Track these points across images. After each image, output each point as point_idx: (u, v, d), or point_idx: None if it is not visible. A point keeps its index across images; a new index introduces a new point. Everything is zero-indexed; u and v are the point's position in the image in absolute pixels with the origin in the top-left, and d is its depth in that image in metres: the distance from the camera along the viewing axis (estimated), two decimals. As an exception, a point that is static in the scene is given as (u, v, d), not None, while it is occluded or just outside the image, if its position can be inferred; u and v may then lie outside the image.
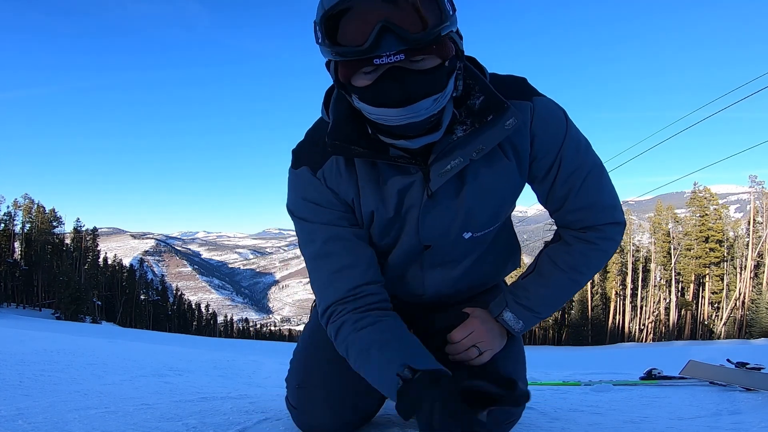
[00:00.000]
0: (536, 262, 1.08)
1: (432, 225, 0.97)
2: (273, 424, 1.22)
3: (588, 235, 1.01)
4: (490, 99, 0.87)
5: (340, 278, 0.95)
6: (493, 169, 0.93)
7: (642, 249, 41.36)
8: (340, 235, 0.96)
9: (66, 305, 37.77)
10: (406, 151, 0.88)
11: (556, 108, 0.96)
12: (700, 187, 38.01)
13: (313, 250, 0.97)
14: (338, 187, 0.95)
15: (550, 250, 1.06)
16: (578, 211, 1.00)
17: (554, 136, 0.94)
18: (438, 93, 0.78)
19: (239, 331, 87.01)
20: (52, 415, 1.24)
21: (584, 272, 1.03)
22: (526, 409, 1.49)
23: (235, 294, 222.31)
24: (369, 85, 0.77)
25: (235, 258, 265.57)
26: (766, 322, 30.70)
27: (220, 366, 3.05)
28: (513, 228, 1.19)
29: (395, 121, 0.80)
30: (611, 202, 1.00)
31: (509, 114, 0.87)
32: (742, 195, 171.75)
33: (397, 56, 0.73)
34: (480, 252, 1.08)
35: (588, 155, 0.98)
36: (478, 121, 0.87)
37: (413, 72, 0.75)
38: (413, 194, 0.94)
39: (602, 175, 0.99)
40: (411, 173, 0.92)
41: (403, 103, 0.77)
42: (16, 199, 42.55)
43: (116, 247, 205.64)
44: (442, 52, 0.76)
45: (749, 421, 1.40)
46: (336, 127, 0.89)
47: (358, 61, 0.75)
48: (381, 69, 0.75)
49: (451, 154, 0.88)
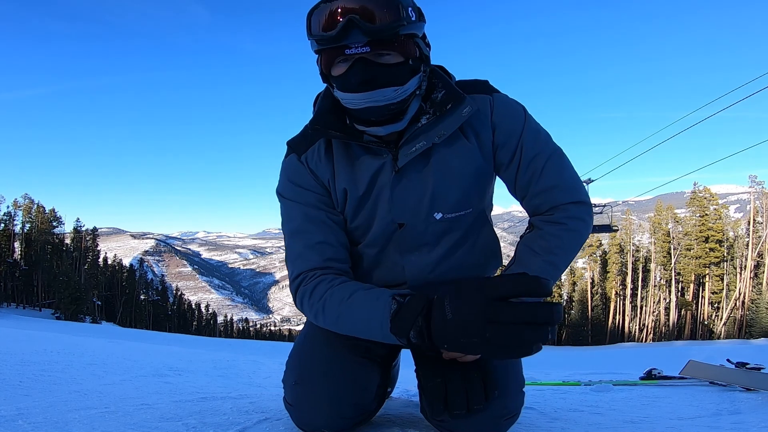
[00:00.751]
0: (515, 253, 1.12)
1: (401, 200, 1.06)
2: (273, 424, 1.22)
3: (555, 216, 1.08)
4: (450, 92, 1.03)
5: (315, 250, 1.07)
6: (454, 148, 1.06)
7: (642, 249, 41.36)
8: (318, 217, 1.09)
9: (66, 305, 37.78)
10: (378, 138, 1.03)
11: (514, 102, 1.10)
12: (700, 187, 38.03)
13: (292, 226, 1.10)
14: (317, 169, 1.09)
15: (525, 239, 1.11)
16: (542, 194, 1.08)
17: (514, 125, 1.07)
18: (398, 85, 0.94)
19: (239, 331, 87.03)
20: (52, 415, 1.23)
21: (558, 254, 1.06)
22: (525, 409, 1.49)
23: (235, 294, 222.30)
24: (342, 73, 0.94)
25: (235, 258, 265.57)
26: (766, 322, 30.71)
27: (220, 366, 3.05)
28: (493, 230, 1.23)
29: (357, 104, 0.95)
30: (572, 183, 1.09)
31: (465, 103, 1.01)
32: (742, 195, 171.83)
33: (363, 48, 0.90)
34: (455, 238, 1.12)
35: (548, 143, 1.09)
36: (439, 110, 1.02)
37: (377, 64, 0.92)
38: (384, 174, 1.06)
39: (562, 160, 1.09)
40: (382, 156, 1.05)
41: (364, 88, 0.93)
42: (16, 199, 42.60)
43: (116, 247, 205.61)
44: (405, 51, 0.94)
45: (749, 421, 1.40)
46: (318, 114, 1.06)
47: (334, 51, 0.93)
48: (351, 59, 0.92)
49: (416, 138, 1.02)
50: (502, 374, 1.01)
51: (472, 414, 0.94)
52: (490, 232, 1.20)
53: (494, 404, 0.97)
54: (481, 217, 1.16)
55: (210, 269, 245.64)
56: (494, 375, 0.97)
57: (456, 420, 0.99)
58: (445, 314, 0.80)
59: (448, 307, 0.80)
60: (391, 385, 1.51)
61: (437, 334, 0.81)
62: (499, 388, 0.97)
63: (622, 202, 17.69)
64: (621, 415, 1.49)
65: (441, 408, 0.94)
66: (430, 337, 0.83)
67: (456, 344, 0.79)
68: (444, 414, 0.96)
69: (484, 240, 1.18)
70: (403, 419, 1.29)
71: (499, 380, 0.99)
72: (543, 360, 6.97)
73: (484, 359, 0.99)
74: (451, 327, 0.78)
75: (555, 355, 9.94)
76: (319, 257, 1.06)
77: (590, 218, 1.10)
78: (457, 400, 0.93)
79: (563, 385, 2.28)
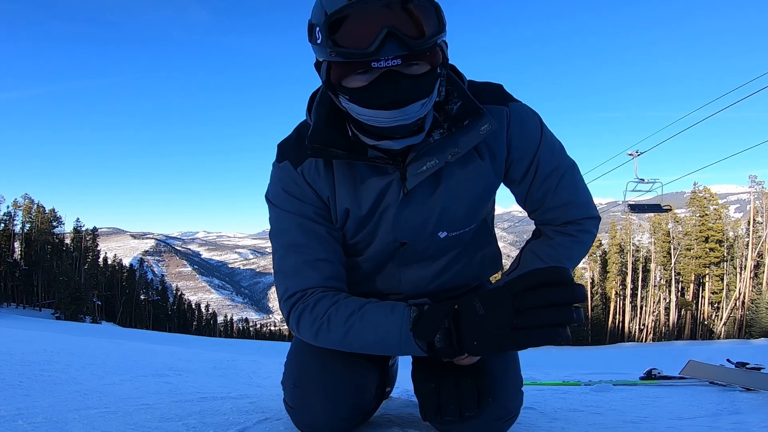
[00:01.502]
0: (519, 257, 1.12)
1: (407, 222, 1.01)
2: (273, 424, 1.22)
3: (568, 229, 1.08)
4: (467, 105, 0.92)
5: (313, 268, 0.99)
6: (467, 169, 0.99)
7: (642, 249, 41.34)
8: (316, 231, 1.01)
9: (66, 305, 37.76)
10: (384, 153, 0.94)
11: (531, 113, 1.02)
12: (700, 187, 38.01)
13: (287, 239, 1.01)
14: (315, 183, 1.00)
15: (532, 246, 1.11)
16: (556, 210, 1.06)
17: (530, 140, 1.01)
18: (426, 97, 0.84)
19: (239, 331, 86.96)
20: (52, 415, 1.23)
21: (566, 264, 1.07)
22: (525, 409, 1.49)
23: (235, 294, 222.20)
24: (363, 86, 0.82)
25: (235, 258, 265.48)
26: (766, 322, 30.69)
27: (220, 366, 3.05)
28: (494, 232, 1.22)
29: (386, 122, 0.84)
30: (586, 198, 1.08)
31: (485, 120, 0.92)
32: (742, 195, 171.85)
33: (395, 61, 0.78)
34: (456, 252, 1.10)
35: (563, 157, 1.05)
36: (454, 126, 0.92)
37: (407, 76, 0.80)
38: (391, 193, 0.98)
39: (575, 175, 1.07)
40: (389, 173, 0.96)
41: (395, 105, 0.81)
42: (16, 199, 42.57)
43: (116, 247, 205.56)
44: (433, 59, 0.82)
45: (749, 421, 1.40)
46: (316, 130, 0.93)
47: (356, 63, 0.80)
48: (377, 72, 0.80)
49: (427, 155, 0.93)
50: (500, 376, 1.01)
51: (465, 420, 0.94)
52: (491, 242, 1.18)
53: (491, 407, 0.98)
54: (484, 228, 1.14)
55: (210, 269, 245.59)
56: (488, 382, 0.97)
57: (453, 424, 0.99)
58: (477, 311, 0.81)
59: (478, 305, 0.81)
60: (390, 384, 1.51)
61: (469, 330, 0.82)
62: (495, 391, 0.97)
63: (622, 202, 17.69)
64: (621, 415, 1.49)
65: (433, 414, 0.96)
66: (458, 339, 0.83)
67: (487, 339, 0.80)
68: (436, 419, 0.97)
69: (485, 251, 1.17)
70: (403, 419, 1.29)
71: (497, 382, 0.99)
72: (543, 360, 6.97)
73: (480, 364, 0.99)
74: (484, 321, 0.80)
75: (555, 355, 9.94)
76: (320, 275, 0.99)
77: (597, 230, 1.11)
78: (449, 407, 0.93)
79: (563, 385, 2.28)
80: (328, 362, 1.04)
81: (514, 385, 1.06)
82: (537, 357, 8.20)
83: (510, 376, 1.06)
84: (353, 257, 1.09)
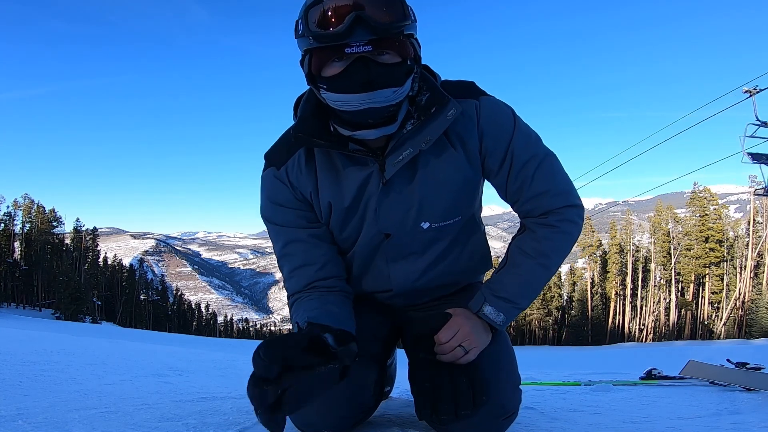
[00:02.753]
0: (507, 254, 1.11)
1: (389, 211, 1.04)
2: (273, 424, 1.22)
3: (548, 219, 1.06)
4: (434, 95, 0.98)
5: (298, 274, 1.09)
6: (441, 158, 1.02)
7: (642, 249, 41.37)
8: (298, 238, 1.08)
9: (66, 305, 37.79)
10: (363, 146, 0.99)
11: (502, 105, 1.06)
12: (700, 187, 38.06)
13: (278, 249, 1.12)
14: (298, 181, 1.06)
15: (518, 241, 1.10)
16: (535, 199, 1.06)
17: (502, 131, 1.03)
18: (397, 86, 0.90)
19: (239, 331, 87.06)
20: (52, 415, 1.24)
21: (551, 256, 1.06)
22: (525, 409, 1.49)
23: (235, 294, 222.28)
24: (338, 73, 0.89)
25: (235, 258, 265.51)
26: (766, 322, 30.71)
27: (220, 366, 3.06)
28: (483, 229, 1.22)
29: (357, 105, 0.90)
30: (565, 187, 1.07)
31: (450, 106, 0.97)
32: (742, 195, 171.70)
33: (366, 47, 0.85)
34: (443, 247, 1.11)
35: (539, 146, 1.06)
36: (423, 115, 0.97)
37: (378, 63, 0.88)
38: (371, 185, 1.02)
39: (554, 163, 1.06)
40: (368, 165, 1.01)
41: (366, 88, 0.87)
42: (16, 199, 42.65)
43: (116, 247, 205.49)
44: (403, 51, 0.90)
45: (749, 421, 1.40)
46: (301, 121, 1.00)
47: (331, 51, 0.88)
48: (350, 58, 0.87)
49: (402, 146, 0.98)
50: (495, 374, 1.02)
51: (461, 419, 0.94)
52: (479, 238, 1.19)
53: (487, 405, 0.98)
54: (471, 224, 1.15)
55: (210, 269, 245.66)
56: (483, 380, 0.97)
57: (449, 423, 0.99)
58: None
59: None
60: (389, 383, 1.51)
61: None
62: (490, 389, 0.98)
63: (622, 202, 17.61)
64: (621, 415, 1.49)
65: (429, 413, 0.96)
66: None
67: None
68: (432, 418, 0.97)
69: (473, 246, 1.17)
70: (403, 419, 1.29)
71: (492, 380, 0.99)
72: (543, 360, 6.97)
73: (475, 363, 1.00)
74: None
75: (555, 355, 9.95)
76: (302, 282, 1.08)
77: (581, 220, 1.09)
78: (444, 406, 0.94)
79: (563, 385, 2.28)
80: None
81: (510, 383, 1.06)
82: (537, 357, 8.20)
83: (506, 374, 1.06)
84: (344, 254, 1.13)
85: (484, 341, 1.05)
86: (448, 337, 1.01)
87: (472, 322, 1.04)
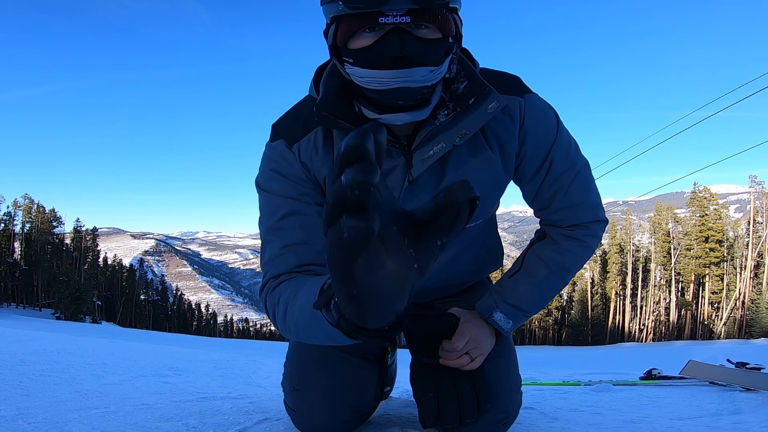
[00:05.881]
0: (522, 260, 1.07)
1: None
2: (273, 424, 1.22)
3: (576, 232, 1.02)
4: (473, 83, 0.87)
5: (289, 252, 0.90)
6: (477, 159, 0.93)
7: (642, 249, 41.36)
8: (301, 210, 0.91)
9: (66, 305, 37.78)
10: (389, 134, 0.87)
11: (548, 108, 0.97)
12: (700, 187, 38.04)
13: (270, 224, 0.93)
14: (312, 163, 0.92)
15: (536, 249, 1.06)
16: (566, 210, 1.01)
17: (545, 137, 0.95)
18: (435, 66, 0.78)
19: (239, 331, 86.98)
20: (52, 415, 1.23)
21: (571, 269, 1.04)
22: (525, 409, 1.49)
23: (235, 294, 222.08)
24: (368, 45, 0.77)
25: (235, 258, 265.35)
26: (766, 322, 30.71)
27: (220, 366, 3.05)
28: (497, 230, 1.19)
29: (387, 83, 0.78)
30: (596, 200, 1.03)
31: (491, 98, 0.87)
32: (742, 195, 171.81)
33: (404, 17, 0.73)
34: (460, 249, 1.07)
35: (578, 156, 1.00)
36: (460, 105, 0.86)
37: (415, 37, 0.75)
38: (394, 180, 0.91)
39: (588, 175, 1.02)
40: (393, 157, 0.89)
41: (400, 64, 0.76)
42: (16, 199, 42.62)
43: (116, 247, 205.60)
44: (444, 26, 0.78)
45: (749, 421, 1.40)
46: (325, 99, 0.87)
47: (362, 19, 0.75)
48: (384, 29, 0.75)
49: (433, 139, 0.87)
50: (499, 379, 1.01)
51: (465, 426, 0.94)
52: (495, 239, 1.17)
53: (490, 412, 0.97)
54: (489, 224, 1.12)
55: (210, 269, 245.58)
56: (487, 386, 0.96)
57: (453, 431, 0.99)
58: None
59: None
60: (390, 384, 1.51)
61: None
62: (494, 395, 0.97)
63: (622, 202, 17.67)
64: (621, 415, 1.49)
65: (433, 421, 0.95)
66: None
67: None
68: (437, 426, 0.96)
69: (488, 248, 1.15)
70: (403, 419, 1.29)
71: (496, 386, 0.99)
72: (543, 360, 6.97)
73: (479, 369, 0.98)
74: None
75: (555, 355, 9.93)
76: (294, 261, 0.89)
77: (603, 233, 1.07)
78: (449, 414, 0.93)
79: (563, 385, 2.28)
80: (326, 364, 1.03)
81: (513, 388, 1.06)
82: (537, 357, 8.20)
83: (509, 379, 1.05)
84: None
85: (489, 347, 1.03)
86: (461, 345, 0.98)
87: (480, 328, 1.02)
